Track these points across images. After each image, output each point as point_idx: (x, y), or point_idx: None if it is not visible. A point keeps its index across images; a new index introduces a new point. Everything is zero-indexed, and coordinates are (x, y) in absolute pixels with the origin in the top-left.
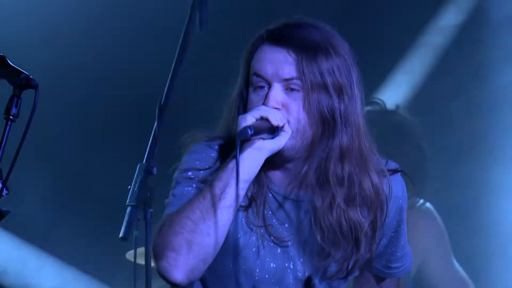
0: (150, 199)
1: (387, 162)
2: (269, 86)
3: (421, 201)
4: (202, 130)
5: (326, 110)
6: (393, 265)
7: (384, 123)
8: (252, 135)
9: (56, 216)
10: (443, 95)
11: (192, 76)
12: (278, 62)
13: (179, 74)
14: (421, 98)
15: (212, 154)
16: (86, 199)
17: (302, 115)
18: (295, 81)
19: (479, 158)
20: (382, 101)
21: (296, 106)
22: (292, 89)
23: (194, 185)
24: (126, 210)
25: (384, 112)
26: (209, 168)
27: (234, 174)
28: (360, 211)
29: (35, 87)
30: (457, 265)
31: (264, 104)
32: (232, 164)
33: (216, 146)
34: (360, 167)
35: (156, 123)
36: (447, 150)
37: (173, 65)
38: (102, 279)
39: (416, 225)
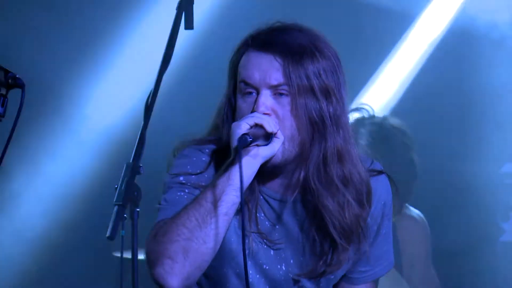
0: (137, 198)
1: (372, 162)
2: (258, 92)
3: (410, 207)
4: (191, 134)
5: (314, 114)
6: (361, 269)
7: (372, 134)
8: (250, 142)
9: (45, 214)
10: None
11: (182, 77)
12: (265, 69)
13: (166, 73)
14: (411, 98)
15: (203, 158)
16: (73, 199)
17: (291, 120)
18: (283, 86)
19: (473, 158)
20: (371, 107)
21: (284, 111)
22: (280, 94)
23: (186, 190)
24: (113, 209)
25: (372, 123)
26: (200, 172)
27: (231, 182)
28: (360, 208)
29: (21, 86)
30: (433, 271)
31: (253, 110)
32: (228, 171)
33: (207, 150)
34: (354, 166)
35: (142, 122)
36: (437, 152)
37: (159, 64)
38: (89, 278)
39: (402, 229)
